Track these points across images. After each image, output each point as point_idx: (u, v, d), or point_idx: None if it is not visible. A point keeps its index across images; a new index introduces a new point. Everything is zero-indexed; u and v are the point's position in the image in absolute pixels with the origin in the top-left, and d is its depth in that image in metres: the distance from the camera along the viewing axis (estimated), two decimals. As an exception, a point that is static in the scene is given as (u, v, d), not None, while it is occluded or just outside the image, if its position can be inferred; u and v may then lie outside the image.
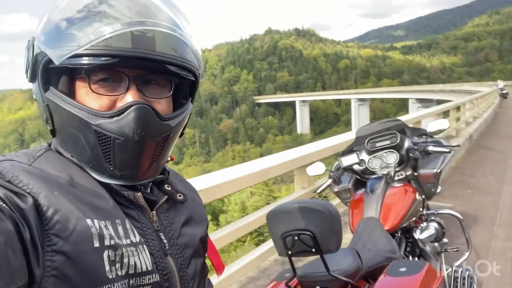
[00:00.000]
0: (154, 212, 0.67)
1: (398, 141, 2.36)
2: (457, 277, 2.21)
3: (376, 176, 2.33)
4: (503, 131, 10.79)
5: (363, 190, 2.32)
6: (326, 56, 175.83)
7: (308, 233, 1.39)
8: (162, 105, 0.64)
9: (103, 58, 0.56)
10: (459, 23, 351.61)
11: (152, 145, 0.62)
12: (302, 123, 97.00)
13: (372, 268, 1.61)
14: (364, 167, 2.42)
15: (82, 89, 0.61)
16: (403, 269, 1.53)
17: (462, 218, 2.44)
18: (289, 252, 1.44)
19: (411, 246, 2.20)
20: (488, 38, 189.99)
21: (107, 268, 0.55)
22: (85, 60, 0.57)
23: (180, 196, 0.72)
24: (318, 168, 2.37)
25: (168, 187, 0.72)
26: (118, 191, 0.64)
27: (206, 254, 0.82)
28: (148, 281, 0.60)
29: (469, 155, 7.41)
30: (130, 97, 0.60)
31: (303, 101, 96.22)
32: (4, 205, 0.49)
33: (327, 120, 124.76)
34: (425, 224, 2.27)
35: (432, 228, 2.22)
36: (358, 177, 2.43)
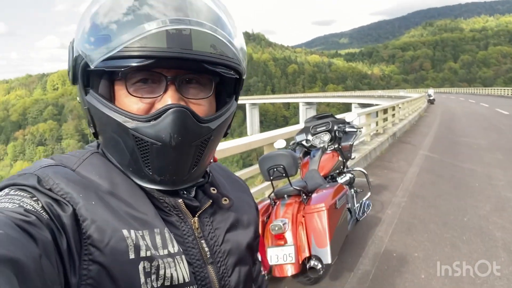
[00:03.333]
0: (196, 218, 0.65)
1: (330, 127, 3.90)
2: (361, 204, 3.81)
3: (316, 148, 3.85)
4: (421, 130, 13.11)
5: (308, 157, 3.82)
6: (275, 60, 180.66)
7: (281, 166, 2.82)
8: (203, 106, 0.61)
9: (137, 60, 0.54)
10: (397, 33, 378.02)
11: (191, 149, 0.59)
12: (252, 125, 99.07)
13: (312, 188, 3.08)
14: (309, 144, 3.93)
15: (120, 92, 0.59)
16: (327, 186, 3.04)
17: (366, 172, 4.04)
18: (271, 178, 2.88)
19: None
20: (422, 48, 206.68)
21: (142, 280, 0.54)
22: (119, 63, 0.55)
23: (225, 200, 0.70)
24: (281, 143, 3.80)
25: (213, 190, 0.69)
26: (159, 197, 0.62)
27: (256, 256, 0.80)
28: None
29: (391, 148, 9.35)
30: (168, 99, 0.57)
31: (253, 104, 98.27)
32: (44, 213, 0.50)
33: (277, 122, 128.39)
34: (344, 175, 3.82)
35: (347, 176, 3.78)
36: (306, 149, 3.93)
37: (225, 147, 3.54)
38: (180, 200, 0.63)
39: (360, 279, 3.00)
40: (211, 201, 0.68)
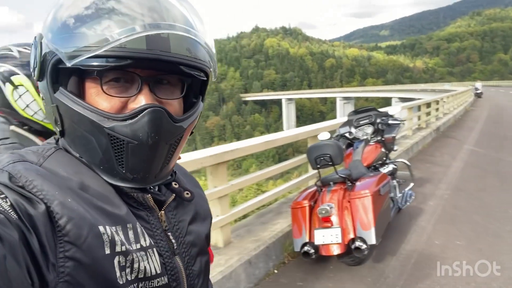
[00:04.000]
0: (163, 211, 0.68)
1: (373, 119, 4.06)
2: (404, 193, 3.95)
3: (359, 140, 4.02)
4: (467, 125, 12.71)
5: (351, 148, 4.00)
6: (312, 55, 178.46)
7: (328, 155, 3.05)
8: (174, 106, 0.64)
9: (117, 60, 0.55)
10: (442, 24, 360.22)
11: (166, 147, 0.62)
12: (288, 120, 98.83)
13: (356, 177, 3.28)
14: (352, 136, 4.11)
15: (92, 90, 0.60)
16: (371, 174, 3.22)
17: (409, 163, 4.16)
18: (318, 166, 3.12)
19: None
20: (470, 39, 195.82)
21: (118, 274, 0.56)
22: (98, 62, 0.55)
23: (187, 193, 0.72)
24: (325, 135, 4.00)
25: (175, 184, 0.72)
26: (128, 193, 0.64)
27: None
28: (157, 284, 0.62)
29: (434, 142, 9.22)
30: (143, 99, 0.59)
31: (289, 99, 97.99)
32: (13, 212, 0.49)
33: (313, 118, 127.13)
34: (386, 165, 3.97)
35: (390, 167, 3.92)
36: (349, 141, 4.11)
37: (273, 138, 3.80)
38: (149, 195, 0.66)
39: (402, 262, 3.17)
40: (174, 195, 0.71)
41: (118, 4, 0.56)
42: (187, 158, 2.72)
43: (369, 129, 4.11)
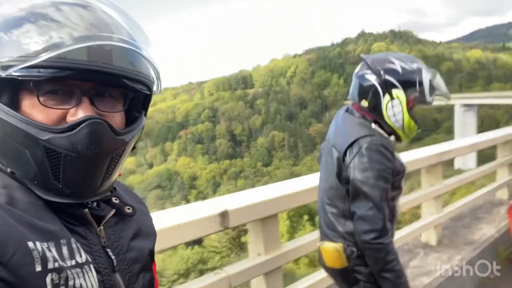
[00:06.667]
0: (102, 227, 0.66)
1: None
2: None
3: None
4: None
5: None
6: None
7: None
8: (116, 119, 0.62)
9: (56, 71, 0.53)
10: None
11: (106, 161, 0.60)
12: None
13: None
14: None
15: (28, 101, 0.58)
16: None
17: None
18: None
19: None
20: None
21: None
22: (36, 72, 0.53)
23: (128, 209, 0.70)
24: None
25: (116, 200, 0.70)
26: (64, 208, 0.61)
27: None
28: None
29: None
30: (82, 111, 0.57)
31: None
32: None
33: (426, 126, 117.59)
34: None
35: None
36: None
37: (447, 149, 3.55)
38: (86, 210, 0.63)
39: None
40: (114, 210, 0.69)
41: (59, 16, 0.55)
42: (408, 158, 2.76)
43: None
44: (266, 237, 1.82)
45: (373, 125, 1.60)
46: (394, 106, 1.55)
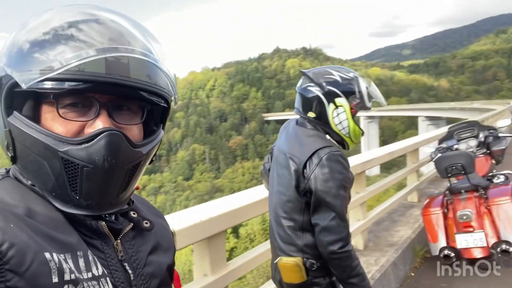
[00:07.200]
0: (119, 241, 0.65)
1: (476, 133, 4.29)
2: None
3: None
4: None
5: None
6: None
7: (460, 164, 3.30)
8: (133, 131, 0.63)
9: (75, 83, 0.54)
10: (466, 42, 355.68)
11: (122, 173, 0.60)
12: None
13: (485, 186, 3.50)
14: (455, 149, 4.34)
15: (48, 114, 0.59)
16: (500, 184, 3.44)
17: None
18: (449, 175, 3.36)
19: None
20: (495, 57, 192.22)
21: None
22: (55, 85, 0.55)
23: (146, 223, 0.70)
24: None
25: (134, 214, 0.70)
26: (81, 220, 0.62)
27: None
28: None
29: None
30: (100, 123, 0.58)
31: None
32: None
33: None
34: (498, 177, 4.16)
35: (502, 178, 4.11)
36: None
37: (370, 158, 3.99)
38: (103, 223, 0.64)
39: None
40: (132, 224, 0.69)
41: (77, 31, 0.56)
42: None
43: (473, 142, 4.31)
44: (212, 256, 1.74)
45: (327, 136, 1.64)
46: (339, 114, 1.60)
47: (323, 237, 1.51)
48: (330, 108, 1.60)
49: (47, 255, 0.53)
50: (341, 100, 1.59)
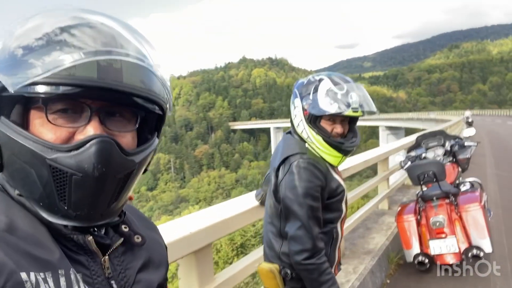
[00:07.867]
0: (106, 257, 0.62)
1: (443, 142, 4.47)
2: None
3: (434, 161, 4.42)
4: (476, 151, 13.35)
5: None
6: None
7: (431, 171, 3.41)
8: (126, 139, 0.60)
9: (65, 88, 0.52)
10: (422, 56, 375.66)
11: (114, 182, 0.57)
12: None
13: (454, 193, 3.63)
14: (423, 157, 4.51)
15: (37, 120, 0.56)
16: (469, 190, 3.58)
17: (481, 182, 4.57)
18: (421, 183, 3.46)
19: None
20: (449, 70, 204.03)
21: None
22: (44, 89, 0.52)
23: (138, 238, 0.66)
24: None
25: (125, 227, 0.66)
26: (66, 234, 0.58)
27: None
28: None
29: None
30: (91, 129, 0.55)
31: (278, 128, 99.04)
32: None
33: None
34: (463, 184, 4.34)
35: (468, 185, 4.30)
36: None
37: (347, 166, 4.06)
38: (90, 238, 0.60)
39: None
40: (122, 239, 0.65)
41: (70, 36, 0.54)
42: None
43: (440, 151, 4.50)
44: (200, 270, 1.65)
45: (306, 144, 1.58)
46: (296, 115, 1.55)
47: (290, 246, 1.48)
48: (291, 109, 1.59)
49: (23, 275, 0.49)
50: (297, 101, 1.55)
